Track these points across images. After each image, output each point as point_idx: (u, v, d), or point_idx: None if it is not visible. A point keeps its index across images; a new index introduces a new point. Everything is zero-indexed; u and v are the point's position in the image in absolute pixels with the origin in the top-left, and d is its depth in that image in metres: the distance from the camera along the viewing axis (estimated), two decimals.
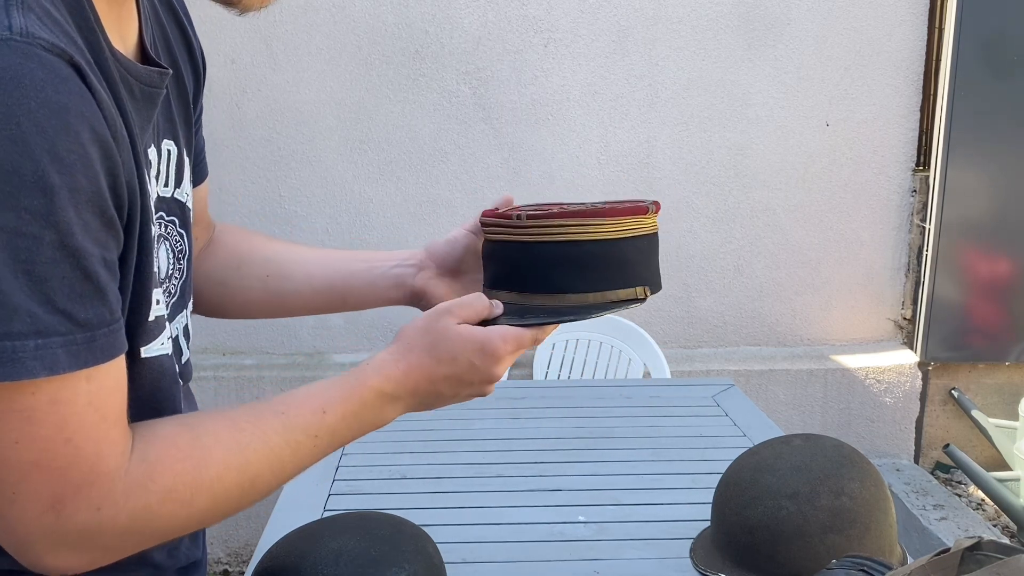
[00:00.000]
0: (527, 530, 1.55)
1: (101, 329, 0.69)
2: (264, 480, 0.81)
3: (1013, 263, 3.29)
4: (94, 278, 0.68)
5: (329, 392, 0.86)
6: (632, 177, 3.21)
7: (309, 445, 0.84)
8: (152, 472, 0.74)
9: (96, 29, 0.74)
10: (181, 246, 0.93)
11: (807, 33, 3.15)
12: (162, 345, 0.83)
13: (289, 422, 0.83)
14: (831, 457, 1.34)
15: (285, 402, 0.84)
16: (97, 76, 0.71)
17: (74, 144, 0.65)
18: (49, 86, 0.64)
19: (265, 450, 0.80)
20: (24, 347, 0.64)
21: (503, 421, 2.06)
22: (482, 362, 0.90)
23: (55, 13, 0.69)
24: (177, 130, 0.92)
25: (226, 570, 3.18)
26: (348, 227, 3.19)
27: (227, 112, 3.08)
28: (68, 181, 0.65)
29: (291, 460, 0.83)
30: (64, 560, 0.72)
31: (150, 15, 0.89)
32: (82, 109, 0.66)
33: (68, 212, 0.65)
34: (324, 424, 0.84)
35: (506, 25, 3.08)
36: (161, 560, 0.91)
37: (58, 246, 0.65)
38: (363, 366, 0.90)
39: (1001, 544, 0.93)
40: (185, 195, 0.93)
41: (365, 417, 0.88)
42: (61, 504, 0.69)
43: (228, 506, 0.79)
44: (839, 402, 3.33)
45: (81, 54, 0.69)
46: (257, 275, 1.11)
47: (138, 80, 0.79)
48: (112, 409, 0.72)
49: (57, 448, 0.68)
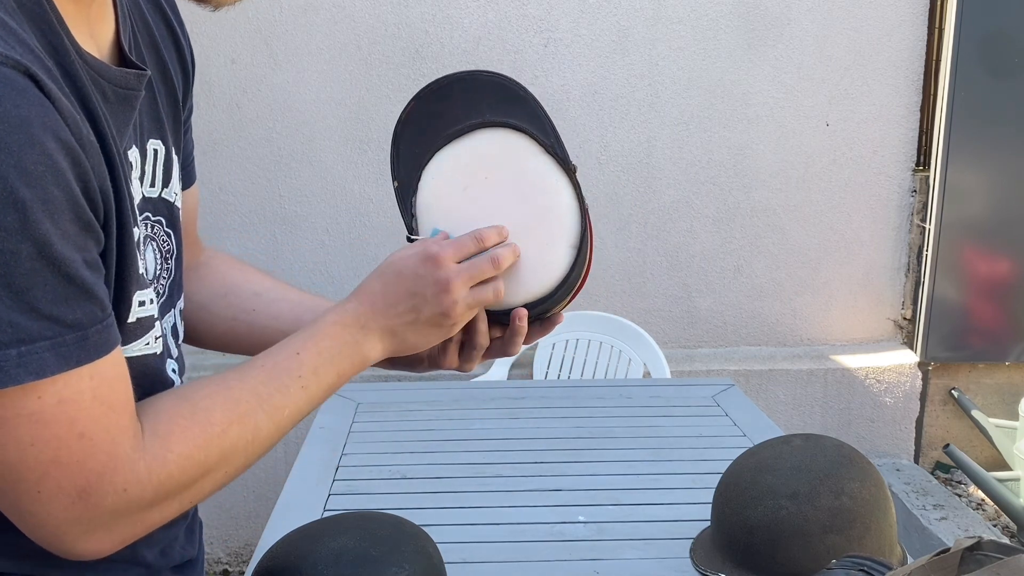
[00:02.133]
0: (527, 530, 1.55)
1: (93, 327, 0.70)
2: (265, 429, 0.84)
3: (1013, 263, 3.29)
4: (78, 281, 0.69)
5: (297, 336, 0.90)
6: (632, 177, 3.21)
7: (296, 386, 0.87)
8: (167, 443, 0.77)
9: (60, 32, 0.73)
10: (168, 246, 0.92)
11: (807, 33, 3.16)
12: (147, 345, 0.84)
13: (271, 370, 0.86)
14: (831, 457, 1.34)
15: (263, 355, 0.88)
16: (58, 82, 0.70)
17: (40, 156, 0.65)
18: (7, 100, 0.64)
19: (257, 400, 0.84)
20: (6, 356, 0.66)
21: (503, 421, 2.06)
22: (425, 268, 0.92)
23: (9, 21, 0.68)
24: (165, 130, 0.91)
25: (226, 570, 3.18)
26: (348, 227, 3.19)
27: (227, 112, 3.08)
28: (39, 193, 0.65)
29: (284, 404, 0.86)
30: (98, 543, 0.75)
31: (132, 14, 0.88)
32: (44, 119, 0.66)
33: (44, 224, 0.66)
34: (303, 364, 0.88)
35: (506, 25, 3.09)
36: (154, 559, 0.91)
37: (36, 257, 0.66)
38: (328, 309, 0.94)
39: (1001, 544, 0.93)
40: (173, 195, 0.93)
41: (339, 350, 0.90)
42: (87, 493, 0.72)
43: (237, 459, 0.82)
44: (839, 402, 3.33)
45: (39, 62, 0.68)
46: (243, 307, 1.10)
47: (111, 82, 0.78)
48: (118, 399, 0.74)
49: (72, 444, 0.71)
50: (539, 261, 0.99)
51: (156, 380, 0.87)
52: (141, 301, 0.81)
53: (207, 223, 3.10)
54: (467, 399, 2.20)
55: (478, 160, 1.01)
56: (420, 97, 1.03)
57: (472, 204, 1.00)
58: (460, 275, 0.92)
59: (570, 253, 1.00)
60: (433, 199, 1.01)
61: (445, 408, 2.13)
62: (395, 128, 1.04)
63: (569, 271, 0.99)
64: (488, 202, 1.00)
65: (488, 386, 2.50)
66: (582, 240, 1.00)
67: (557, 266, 0.99)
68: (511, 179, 1.00)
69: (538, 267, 0.99)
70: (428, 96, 1.03)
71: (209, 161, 3.10)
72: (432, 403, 2.15)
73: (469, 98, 1.02)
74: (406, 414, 2.08)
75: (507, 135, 1.01)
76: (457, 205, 1.00)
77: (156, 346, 0.86)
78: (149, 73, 0.85)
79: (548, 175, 1.00)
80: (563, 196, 1.00)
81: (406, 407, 2.12)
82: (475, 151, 1.01)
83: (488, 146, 1.01)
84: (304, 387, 0.87)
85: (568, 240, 1.00)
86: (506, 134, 1.01)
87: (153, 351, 0.85)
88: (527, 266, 0.99)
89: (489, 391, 2.30)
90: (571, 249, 1.00)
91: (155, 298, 0.86)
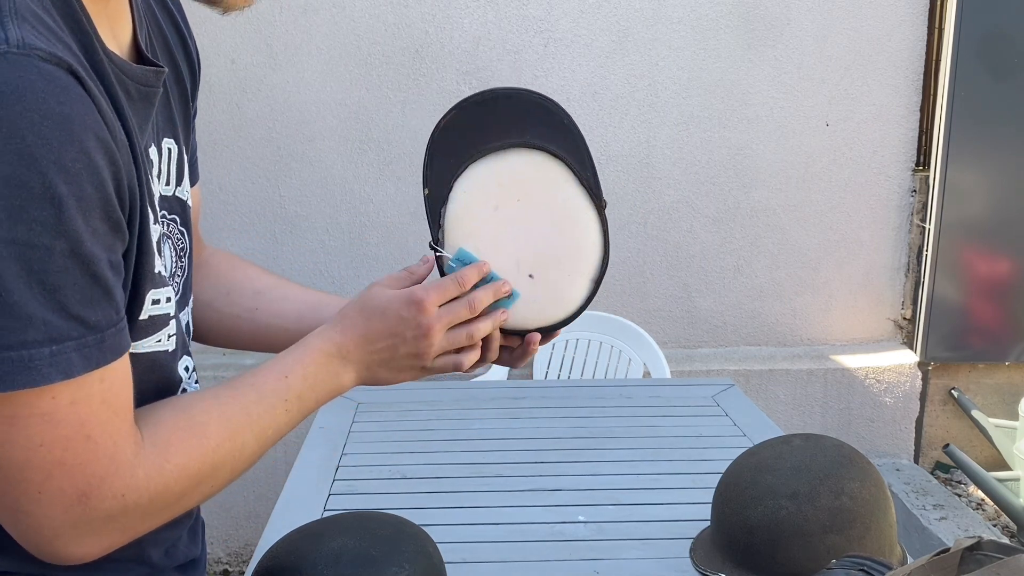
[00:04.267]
0: (527, 530, 1.55)
1: (109, 329, 0.71)
2: (250, 447, 0.86)
3: (1013, 263, 3.29)
4: (103, 281, 0.70)
5: (286, 359, 0.92)
6: (632, 177, 3.21)
7: (281, 409, 0.89)
8: (166, 453, 0.78)
9: (89, 31, 0.74)
10: (182, 244, 0.94)
11: (807, 33, 3.16)
12: (158, 342, 0.84)
13: (261, 391, 0.89)
14: (831, 457, 1.34)
15: (255, 374, 0.90)
16: (93, 79, 0.71)
17: (79, 153, 0.66)
18: (51, 97, 0.65)
19: (248, 419, 0.86)
20: (40, 355, 0.66)
21: (503, 421, 2.06)
22: (409, 312, 0.93)
23: (47, 19, 0.69)
24: (177, 129, 0.92)
25: (226, 570, 3.18)
26: (348, 227, 3.19)
27: (227, 112, 3.08)
28: (75, 190, 0.66)
29: (270, 424, 0.89)
30: (88, 547, 0.75)
31: (145, 14, 0.89)
32: (84, 117, 0.67)
33: (77, 221, 0.67)
34: (289, 388, 0.90)
35: (506, 25, 3.09)
36: (159, 559, 0.91)
37: (68, 254, 0.67)
38: (311, 333, 0.95)
39: (1001, 544, 0.93)
40: (185, 193, 0.95)
41: (321, 377, 0.93)
42: (87, 497, 0.72)
43: (224, 474, 0.84)
44: (839, 402, 3.33)
45: (77, 59, 0.69)
46: (246, 306, 1.12)
47: (134, 80, 0.79)
48: (122, 404, 0.75)
49: (78, 446, 0.71)
50: (559, 291, 1.02)
51: (164, 377, 0.88)
52: (156, 299, 0.82)
53: (207, 223, 3.10)
54: (467, 399, 2.20)
55: (513, 181, 1.01)
56: (462, 107, 1.02)
57: (501, 225, 1.00)
58: (440, 319, 0.94)
59: (589, 287, 1.03)
60: (463, 214, 1.01)
61: (445, 408, 2.13)
62: (432, 134, 1.03)
63: (585, 303, 1.03)
64: (517, 226, 1.01)
65: (488, 386, 2.50)
66: (601, 276, 1.02)
67: (576, 298, 1.02)
68: (543, 206, 1.01)
69: (557, 297, 1.02)
70: (471, 107, 1.02)
71: (209, 161, 3.10)
72: (432, 403, 2.15)
73: (513, 116, 1.02)
74: (406, 414, 2.08)
75: (545, 160, 1.01)
76: (486, 224, 1.01)
77: (169, 343, 0.87)
78: (167, 71, 0.86)
79: (580, 208, 1.01)
80: (592, 232, 1.02)
81: (406, 407, 2.12)
82: (511, 171, 1.01)
83: (525, 168, 1.01)
84: (287, 411, 0.90)
85: (590, 275, 1.02)
86: (544, 159, 1.01)
87: (165, 348, 0.86)
88: (547, 294, 1.01)
89: (489, 391, 2.30)
90: (591, 283, 1.03)
91: (172, 296, 0.87)
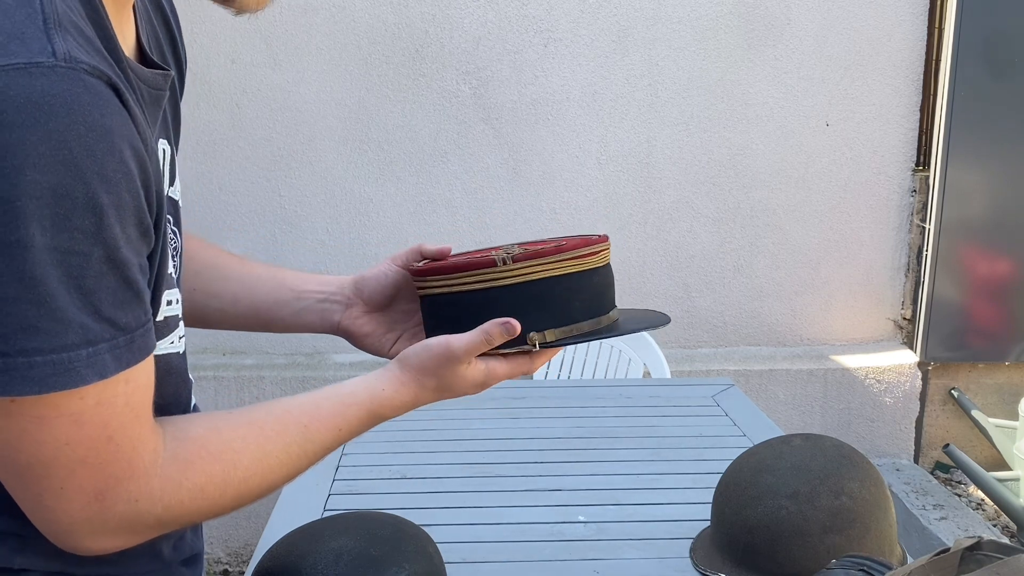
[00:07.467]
0: (527, 530, 1.55)
1: (138, 330, 0.73)
2: (278, 484, 0.88)
3: (1013, 263, 3.29)
4: (134, 284, 0.72)
5: (348, 412, 0.94)
6: (632, 177, 3.21)
7: (320, 455, 0.92)
8: (185, 471, 0.80)
9: (113, 37, 0.75)
10: (175, 243, 0.94)
11: (807, 33, 3.16)
12: (171, 344, 0.86)
13: (309, 435, 0.90)
14: (831, 457, 1.34)
15: (309, 414, 0.91)
16: (127, 88, 0.73)
17: (118, 163, 0.69)
18: (95, 109, 0.67)
19: (285, 458, 0.88)
20: (78, 357, 0.68)
21: (503, 421, 2.06)
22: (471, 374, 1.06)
23: (85, 29, 0.71)
24: (170, 130, 0.93)
25: (226, 570, 3.18)
26: (348, 227, 3.19)
27: (227, 112, 3.08)
28: (114, 199, 0.68)
29: (305, 466, 0.91)
30: (101, 543, 0.78)
31: (143, 14, 0.89)
32: (122, 128, 0.70)
33: (115, 228, 0.69)
34: (338, 440, 0.93)
35: (506, 25, 3.09)
36: (168, 553, 0.93)
37: (105, 260, 0.69)
38: (380, 393, 0.98)
39: (1001, 544, 0.93)
40: (177, 193, 0.95)
41: (370, 425, 0.97)
42: (103, 496, 0.74)
43: (245, 501, 0.86)
44: (839, 402, 3.33)
45: (112, 69, 0.71)
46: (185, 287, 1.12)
47: (145, 83, 0.80)
48: (144, 408, 0.76)
49: (100, 446, 0.73)
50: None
51: (179, 379, 0.89)
52: (169, 300, 0.84)
53: (207, 223, 3.10)
54: (467, 399, 2.19)
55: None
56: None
57: None
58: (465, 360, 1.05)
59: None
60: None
61: (445, 408, 2.12)
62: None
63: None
64: None
65: None
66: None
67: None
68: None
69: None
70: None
71: (209, 161, 3.10)
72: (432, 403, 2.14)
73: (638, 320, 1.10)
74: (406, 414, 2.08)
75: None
76: None
77: (180, 345, 0.88)
78: (173, 73, 0.87)
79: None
80: None
81: None
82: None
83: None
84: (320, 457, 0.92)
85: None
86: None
87: (177, 350, 0.87)
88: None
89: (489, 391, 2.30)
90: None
91: (180, 298, 0.88)
